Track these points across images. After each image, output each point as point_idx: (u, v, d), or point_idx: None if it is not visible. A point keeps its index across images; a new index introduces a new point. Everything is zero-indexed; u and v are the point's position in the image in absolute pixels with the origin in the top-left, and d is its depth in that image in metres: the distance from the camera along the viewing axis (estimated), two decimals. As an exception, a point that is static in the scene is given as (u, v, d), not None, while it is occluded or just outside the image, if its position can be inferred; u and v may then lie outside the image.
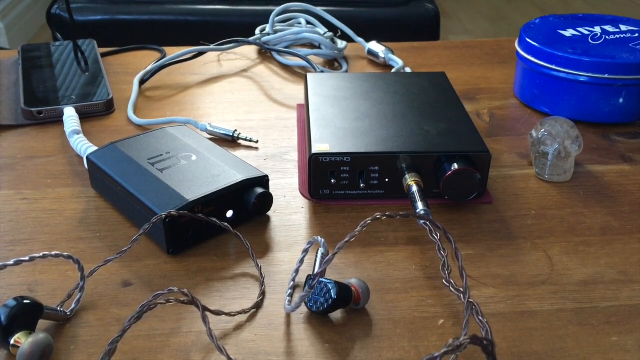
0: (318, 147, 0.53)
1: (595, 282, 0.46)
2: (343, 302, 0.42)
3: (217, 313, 0.42)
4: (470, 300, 0.41)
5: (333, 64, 0.83)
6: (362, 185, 0.53)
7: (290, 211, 0.54)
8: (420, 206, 0.49)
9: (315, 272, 0.44)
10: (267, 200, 0.51)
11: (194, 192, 0.48)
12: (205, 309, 0.39)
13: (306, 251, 0.46)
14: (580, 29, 0.72)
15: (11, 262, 0.41)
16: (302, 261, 0.46)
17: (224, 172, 0.51)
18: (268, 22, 0.86)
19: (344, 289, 0.42)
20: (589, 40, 0.69)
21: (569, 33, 0.71)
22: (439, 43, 0.89)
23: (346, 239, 0.39)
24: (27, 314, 0.39)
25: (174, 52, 0.84)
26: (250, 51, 0.85)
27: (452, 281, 0.43)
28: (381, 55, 0.81)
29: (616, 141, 0.65)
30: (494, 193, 0.56)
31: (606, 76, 0.65)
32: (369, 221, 0.40)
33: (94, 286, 0.45)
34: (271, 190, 0.55)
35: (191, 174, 0.50)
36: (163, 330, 0.42)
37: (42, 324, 0.42)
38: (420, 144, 0.53)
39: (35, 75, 0.74)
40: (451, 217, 0.53)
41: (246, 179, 0.50)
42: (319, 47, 0.84)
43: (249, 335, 0.42)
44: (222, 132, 0.64)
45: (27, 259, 0.41)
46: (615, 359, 0.40)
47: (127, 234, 0.51)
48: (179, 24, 1.42)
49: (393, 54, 0.81)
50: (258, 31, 0.87)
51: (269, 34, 0.84)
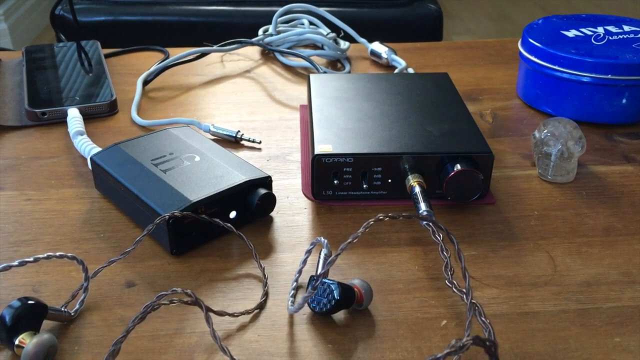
0: (321, 148, 0.53)
1: (598, 283, 0.46)
2: (346, 303, 0.42)
3: (221, 314, 0.42)
4: (473, 301, 0.41)
5: (336, 64, 0.83)
6: (364, 186, 0.53)
7: (293, 212, 0.54)
8: (423, 207, 0.49)
9: (318, 272, 0.44)
10: (270, 201, 0.51)
11: (197, 193, 0.48)
12: (208, 309, 0.40)
13: (309, 252, 0.46)
14: (583, 30, 0.72)
15: (15, 262, 0.41)
16: (305, 262, 0.46)
17: (227, 173, 0.51)
18: (271, 23, 0.86)
19: (346, 290, 0.42)
20: (592, 40, 0.69)
21: (571, 33, 0.71)
22: (441, 43, 0.89)
23: (349, 240, 0.40)
24: (31, 314, 0.39)
25: (177, 53, 0.84)
26: (253, 52, 0.85)
27: (454, 282, 0.43)
28: (384, 55, 0.81)
29: (619, 142, 0.65)
30: (496, 194, 0.56)
31: (609, 77, 0.65)
32: (372, 222, 0.40)
33: (98, 287, 0.45)
34: (274, 191, 0.55)
35: (194, 175, 0.50)
36: (167, 330, 0.42)
37: (47, 324, 0.42)
38: (423, 144, 0.53)
39: (39, 76, 0.74)
40: (454, 218, 0.53)
41: (249, 180, 0.50)
42: (322, 48, 0.84)
43: (252, 335, 0.42)
44: (225, 132, 0.64)
45: (32, 259, 0.41)
46: (618, 359, 0.40)
47: (130, 234, 0.51)
48: (182, 25, 1.43)
49: (396, 54, 0.81)
50: (261, 32, 0.87)
51: (271, 35, 0.84)
